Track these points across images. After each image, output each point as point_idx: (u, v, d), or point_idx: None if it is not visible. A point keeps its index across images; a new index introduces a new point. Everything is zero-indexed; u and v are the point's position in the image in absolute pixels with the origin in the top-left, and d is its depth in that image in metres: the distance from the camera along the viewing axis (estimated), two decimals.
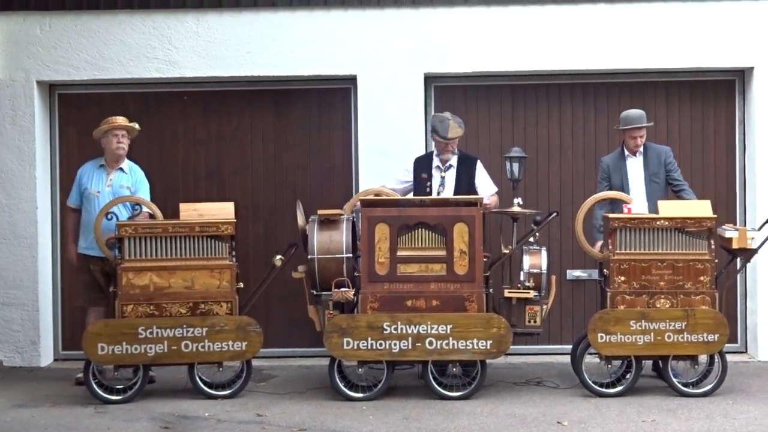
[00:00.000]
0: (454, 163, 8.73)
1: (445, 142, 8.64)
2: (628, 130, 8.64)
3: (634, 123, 8.62)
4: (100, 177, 8.66)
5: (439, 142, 8.67)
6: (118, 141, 8.62)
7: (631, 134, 8.65)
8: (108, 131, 8.61)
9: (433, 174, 8.73)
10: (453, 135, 8.64)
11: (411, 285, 8.02)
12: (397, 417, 7.54)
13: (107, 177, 8.65)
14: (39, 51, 9.59)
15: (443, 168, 8.71)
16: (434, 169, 8.74)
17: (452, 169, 8.72)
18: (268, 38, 9.57)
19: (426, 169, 8.75)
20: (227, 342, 8.01)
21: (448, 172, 8.72)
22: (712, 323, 7.96)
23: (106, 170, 8.68)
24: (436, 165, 8.74)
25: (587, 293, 9.66)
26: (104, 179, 8.64)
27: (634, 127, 8.62)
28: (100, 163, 8.71)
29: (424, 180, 8.72)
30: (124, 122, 8.68)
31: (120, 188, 8.62)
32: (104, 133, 8.63)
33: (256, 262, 9.47)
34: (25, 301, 9.57)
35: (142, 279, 8.01)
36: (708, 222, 8.03)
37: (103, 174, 8.67)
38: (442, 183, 8.69)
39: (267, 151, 9.86)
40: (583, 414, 7.56)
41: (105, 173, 8.67)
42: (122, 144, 8.65)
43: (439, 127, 8.65)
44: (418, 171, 8.78)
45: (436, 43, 9.54)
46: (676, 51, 9.47)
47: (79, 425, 7.44)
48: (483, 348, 7.93)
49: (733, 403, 7.85)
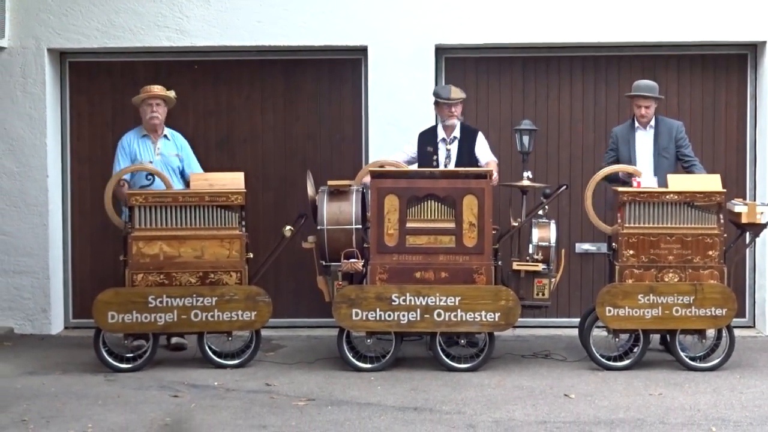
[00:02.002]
0: (458, 134, 8.73)
1: (448, 104, 8.63)
2: (635, 98, 8.61)
3: (640, 91, 8.60)
4: (146, 146, 8.64)
5: (442, 105, 8.67)
6: (152, 110, 8.58)
7: (637, 103, 8.61)
8: (144, 100, 8.60)
9: (439, 146, 8.73)
10: (455, 96, 8.64)
11: (420, 257, 8.03)
12: (405, 388, 7.58)
13: (154, 146, 8.64)
14: (50, 18, 9.58)
15: (448, 140, 8.71)
16: (440, 142, 8.74)
17: (456, 141, 8.72)
18: (279, 8, 9.54)
19: (431, 143, 8.75)
20: (236, 312, 8.04)
21: (452, 144, 8.72)
22: (720, 298, 7.97)
23: (151, 139, 8.66)
24: (441, 138, 8.74)
25: (596, 267, 9.66)
26: (151, 148, 8.63)
27: (639, 95, 8.58)
28: (142, 133, 8.68)
29: (430, 153, 8.72)
30: (161, 91, 8.64)
31: (170, 156, 8.65)
32: (141, 101, 8.62)
33: (266, 232, 9.49)
34: (35, 269, 9.61)
35: (152, 248, 8.04)
36: (717, 196, 8.03)
37: (148, 143, 8.65)
38: (448, 155, 8.70)
39: (277, 121, 9.86)
40: (590, 387, 7.59)
41: (150, 142, 8.65)
42: (156, 114, 8.60)
43: (441, 91, 8.70)
44: (422, 145, 8.78)
45: (448, 14, 9.51)
46: (688, 24, 9.42)
47: (88, 393, 7.49)
48: (491, 320, 7.95)
49: (740, 378, 7.87)
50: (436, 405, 7.12)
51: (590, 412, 6.92)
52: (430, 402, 7.20)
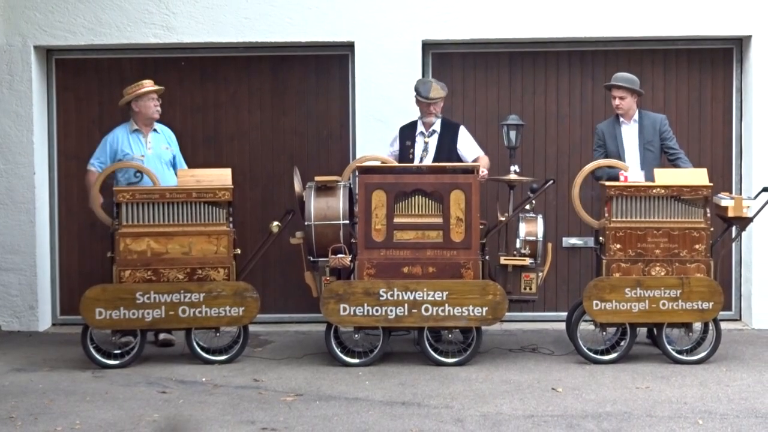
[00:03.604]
0: (437, 128, 8.74)
1: (428, 102, 8.65)
2: (611, 89, 8.64)
3: (614, 81, 8.62)
4: (138, 141, 8.65)
5: (422, 102, 8.69)
6: (155, 104, 8.65)
7: (612, 93, 8.65)
8: (143, 95, 8.60)
9: (417, 140, 8.74)
10: (435, 95, 8.65)
11: (407, 252, 8.04)
12: (393, 382, 7.59)
13: (145, 140, 8.66)
14: (36, 16, 9.56)
15: (427, 134, 8.73)
16: (418, 135, 8.75)
17: (435, 134, 8.74)
18: (266, 4, 9.53)
19: (410, 137, 8.77)
20: (224, 307, 8.04)
21: (431, 137, 8.73)
22: (707, 291, 7.99)
23: (142, 133, 8.68)
24: (420, 131, 8.76)
25: (583, 261, 9.69)
26: (143, 142, 8.64)
27: (613, 84, 8.61)
28: (132, 128, 8.68)
29: (407, 147, 8.74)
30: (157, 86, 8.69)
31: (161, 149, 8.68)
32: (139, 97, 8.62)
33: (254, 228, 9.50)
34: (23, 266, 9.60)
35: (139, 244, 8.03)
36: (704, 190, 8.05)
37: (139, 138, 8.66)
38: (426, 149, 8.71)
39: (264, 117, 9.86)
40: (577, 380, 7.62)
41: (141, 137, 8.67)
42: (158, 107, 8.67)
43: (422, 88, 8.68)
44: (403, 139, 8.80)
45: (434, 10, 9.52)
46: (674, 19, 9.45)
47: (77, 389, 7.49)
48: (479, 315, 7.96)
49: (726, 371, 7.90)
50: (424, 399, 7.14)
51: (577, 406, 6.94)
52: (418, 396, 7.21)
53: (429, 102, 8.65)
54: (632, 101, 8.64)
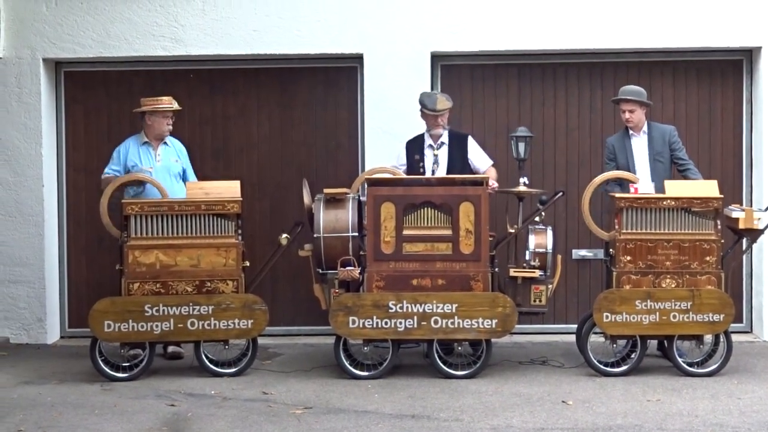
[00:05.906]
0: (445, 140, 8.73)
1: (434, 115, 8.63)
2: (620, 102, 8.64)
3: (622, 95, 8.62)
4: (147, 154, 8.67)
5: (428, 115, 8.67)
6: (168, 123, 8.68)
7: (621, 107, 8.65)
8: (159, 112, 8.63)
9: (426, 153, 8.73)
10: (441, 107, 8.64)
11: (416, 264, 8.02)
12: (402, 395, 7.56)
13: (155, 153, 8.68)
14: (45, 28, 9.58)
15: (435, 146, 8.71)
16: (426, 149, 8.73)
17: (444, 146, 8.72)
18: (275, 16, 9.54)
19: (418, 150, 8.75)
20: (233, 320, 8.03)
21: (440, 150, 8.72)
22: (718, 303, 7.96)
23: (152, 146, 8.70)
24: (428, 144, 8.74)
25: (593, 273, 9.66)
26: (152, 155, 8.66)
27: (621, 98, 8.61)
28: (143, 140, 8.71)
29: (417, 161, 8.72)
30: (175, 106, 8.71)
31: (170, 162, 8.70)
32: (152, 112, 8.63)
33: (262, 240, 9.48)
34: (31, 278, 9.60)
35: (148, 257, 8.03)
36: (714, 202, 8.02)
37: (149, 150, 8.68)
38: (436, 161, 8.70)
39: (273, 129, 9.86)
40: (587, 393, 7.58)
41: (151, 149, 8.69)
42: (170, 126, 8.71)
43: (427, 101, 8.67)
44: (410, 153, 8.78)
45: (443, 21, 9.51)
46: (683, 31, 9.44)
47: (85, 402, 7.47)
48: (488, 327, 7.94)
49: (737, 383, 7.86)
50: (433, 412, 7.10)
51: (588, 419, 6.90)
52: (428, 409, 7.18)
53: (436, 114, 8.64)
54: (642, 113, 8.63)
